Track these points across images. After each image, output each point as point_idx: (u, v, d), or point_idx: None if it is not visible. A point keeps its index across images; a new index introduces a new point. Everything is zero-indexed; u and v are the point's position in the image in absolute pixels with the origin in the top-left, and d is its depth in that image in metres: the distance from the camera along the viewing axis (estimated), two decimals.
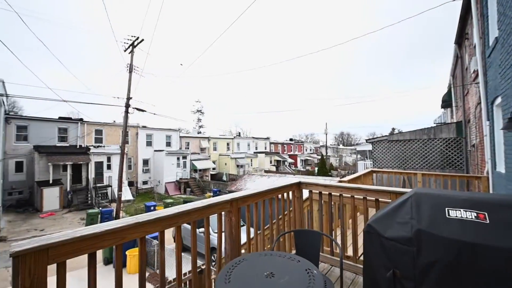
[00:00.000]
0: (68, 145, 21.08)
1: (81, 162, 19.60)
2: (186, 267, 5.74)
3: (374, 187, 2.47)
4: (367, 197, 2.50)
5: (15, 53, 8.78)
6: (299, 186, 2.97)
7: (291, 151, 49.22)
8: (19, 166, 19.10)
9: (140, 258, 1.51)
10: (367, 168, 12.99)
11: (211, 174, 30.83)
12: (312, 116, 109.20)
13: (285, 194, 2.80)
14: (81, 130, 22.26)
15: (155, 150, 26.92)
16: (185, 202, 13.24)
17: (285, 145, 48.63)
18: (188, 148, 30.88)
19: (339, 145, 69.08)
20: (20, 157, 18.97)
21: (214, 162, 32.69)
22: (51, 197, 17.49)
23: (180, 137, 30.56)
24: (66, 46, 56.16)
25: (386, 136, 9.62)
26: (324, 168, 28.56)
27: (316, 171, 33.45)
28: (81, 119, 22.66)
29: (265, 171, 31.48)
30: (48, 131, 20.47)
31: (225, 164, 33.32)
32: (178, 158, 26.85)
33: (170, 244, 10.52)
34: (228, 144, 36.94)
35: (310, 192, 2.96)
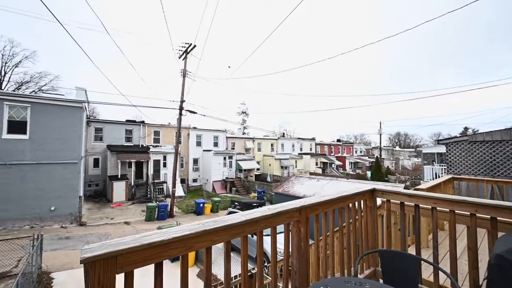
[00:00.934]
0: (132, 144, 24.01)
1: (143, 160, 22.04)
2: (236, 269, 5.66)
3: (489, 201, 1.86)
4: (477, 214, 1.90)
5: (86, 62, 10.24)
6: (372, 193, 2.50)
7: (339, 152, 46.34)
8: (96, 162, 22.64)
9: (207, 270, 1.34)
10: (435, 174, 11.13)
11: (256, 175, 31.17)
12: (362, 115, 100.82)
13: (356, 203, 2.37)
14: (143, 131, 25.12)
15: (203, 150, 28.57)
16: (232, 201, 13.57)
17: (332, 146, 46.08)
18: (233, 149, 31.89)
19: (394, 147, 62.08)
20: (96, 155, 22.46)
21: (258, 163, 33.00)
22: (119, 190, 20.12)
23: (226, 137, 31.77)
24: (124, 53, 64.48)
25: (465, 136, 8.02)
26: (379, 173, 25.46)
27: (368, 175, 30.47)
28: (143, 122, 25.56)
29: (310, 173, 30.28)
30: (118, 132, 23.70)
31: (269, 165, 33.30)
32: (224, 158, 27.93)
33: None
34: (272, 145, 36.88)
35: (388, 202, 2.45)
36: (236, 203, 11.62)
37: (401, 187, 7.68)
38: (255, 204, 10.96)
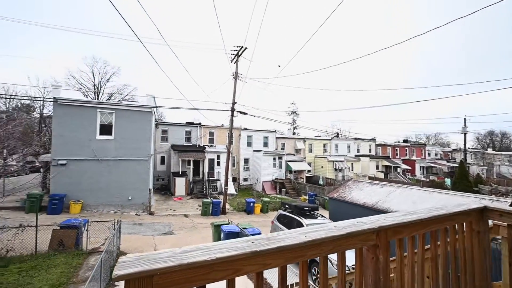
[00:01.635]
0: (191, 144, 26.30)
1: (199, 159, 23.86)
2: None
3: None
4: None
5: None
6: (481, 214, 1.82)
7: (406, 155, 40.56)
8: (162, 160, 25.71)
9: None
10: None
11: (306, 177, 30.01)
12: (438, 111, 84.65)
13: (456, 226, 1.75)
14: (199, 132, 27.24)
15: (254, 150, 29.09)
16: (282, 203, 13.23)
17: (396, 148, 40.67)
18: (283, 149, 31.48)
19: (486, 149, 50.48)
20: (163, 153, 25.49)
21: (309, 164, 31.71)
22: (180, 185, 22.27)
23: (276, 138, 31.60)
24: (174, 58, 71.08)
25: None
26: (465, 181, 20.02)
27: (447, 182, 25.37)
28: (199, 123, 27.71)
29: (370, 178, 27.34)
30: (179, 133, 26.39)
31: (321, 167, 31.60)
32: (274, 159, 27.82)
33: None
34: (324, 145, 34.92)
35: (510, 227, 1.74)
36: (286, 206, 11.23)
37: (507, 202, 5.83)
38: (307, 208, 10.33)
